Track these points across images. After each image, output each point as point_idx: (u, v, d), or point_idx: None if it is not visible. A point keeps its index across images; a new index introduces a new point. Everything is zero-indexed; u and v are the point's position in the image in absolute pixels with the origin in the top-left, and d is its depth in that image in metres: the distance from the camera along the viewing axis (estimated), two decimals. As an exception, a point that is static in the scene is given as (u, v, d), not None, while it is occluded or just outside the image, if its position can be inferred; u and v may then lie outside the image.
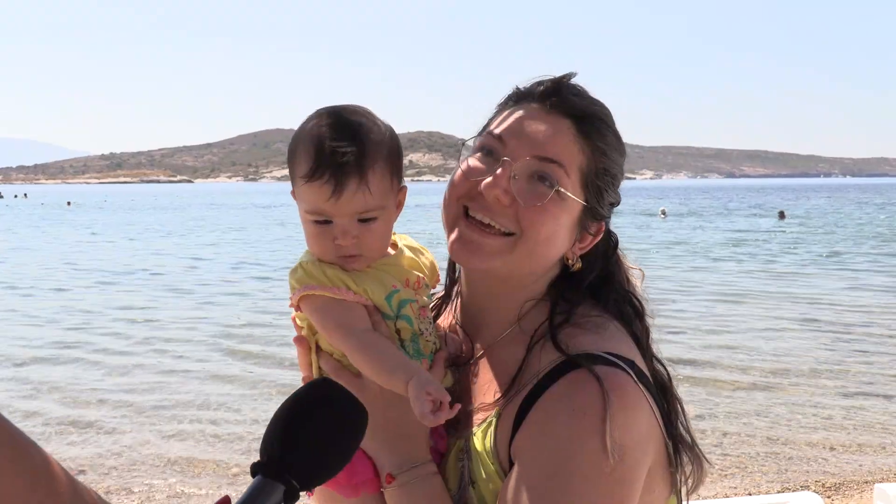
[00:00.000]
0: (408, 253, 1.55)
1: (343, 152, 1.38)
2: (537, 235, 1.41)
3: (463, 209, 1.46)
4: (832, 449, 7.12)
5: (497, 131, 1.46)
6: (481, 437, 1.40)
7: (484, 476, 1.38)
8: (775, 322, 12.83)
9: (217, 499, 1.05)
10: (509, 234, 1.42)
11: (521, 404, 1.35)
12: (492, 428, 1.39)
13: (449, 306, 1.64)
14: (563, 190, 1.41)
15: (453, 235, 1.46)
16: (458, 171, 1.49)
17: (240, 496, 1.05)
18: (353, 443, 1.11)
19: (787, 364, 10.03)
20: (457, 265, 1.61)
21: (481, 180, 1.42)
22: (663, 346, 1.53)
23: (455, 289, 1.63)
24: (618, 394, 1.28)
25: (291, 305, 1.49)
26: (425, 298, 1.55)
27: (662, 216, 47.63)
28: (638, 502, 1.34)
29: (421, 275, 1.54)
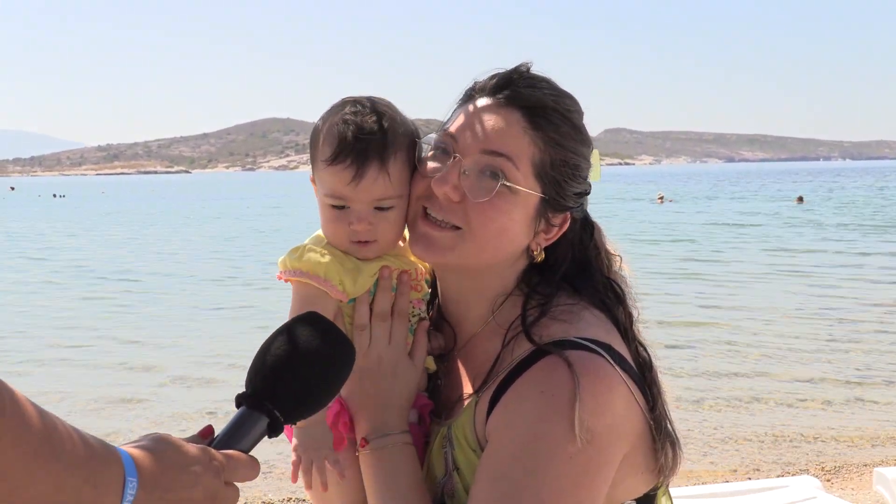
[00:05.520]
0: None
1: (367, 139, 1.43)
2: (485, 230, 1.42)
3: (422, 209, 1.48)
4: (831, 433, 7.13)
5: (449, 129, 1.47)
6: (462, 425, 1.43)
7: (466, 462, 1.41)
8: (777, 304, 12.83)
9: (200, 428, 1.09)
10: (458, 228, 1.44)
11: (495, 390, 1.38)
12: (471, 415, 1.42)
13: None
14: (510, 184, 1.40)
15: (412, 234, 1.50)
16: (415, 171, 1.50)
17: (223, 426, 1.07)
18: (338, 377, 1.12)
19: (787, 348, 10.03)
20: None
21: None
22: (662, 331, 1.53)
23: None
24: (590, 378, 1.30)
25: (281, 278, 1.51)
26: (427, 288, 1.58)
27: (660, 202, 47.50)
28: (617, 487, 1.36)
29: (422, 268, 1.57)
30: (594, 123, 1.49)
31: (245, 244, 26.03)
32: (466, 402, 1.46)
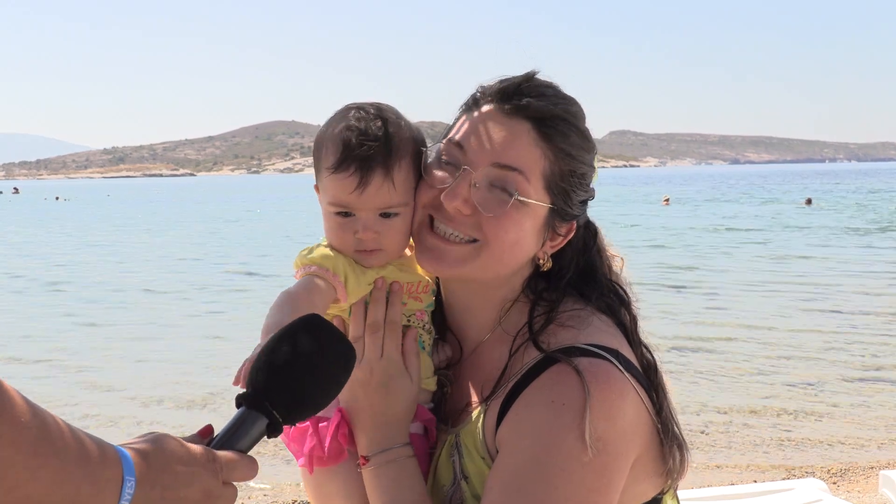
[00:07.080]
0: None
1: (370, 146, 1.41)
2: (501, 243, 1.41)
3: (428, 218, 1.46)
4: (837, 435, 7.11)
5: (456, 137, 1.45)
6: (471, 433, 1.42)
7: (475, 470, 1.40)
8: (783, 307, 12.81)
9: (200, 427, 1.09)
10: (473, 241, 1.43)
11: (504, 398, 1.37)
12: (480, 423, 1.41)
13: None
14: (522, 198, 1.39)
15: (418, 246, 1.48)
16: (421, 180, 1.48)
17: (223, 426, 1.08)
18: (338, 379, 1.13)
19: (793, 350, 10.01)
20: None
21: (443, 189, 1.42)
22: (669, 330, 1.52)
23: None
24: (599, 385, 1.29)
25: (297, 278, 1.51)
26: (431, 299, 1.56)
27: (665, 204, 47.42)
28: (627, 492, 1.35)
29: (428, 279, 1.55)
30: (599, 125, 1.49)
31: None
32: (475, 411, 1.44)
